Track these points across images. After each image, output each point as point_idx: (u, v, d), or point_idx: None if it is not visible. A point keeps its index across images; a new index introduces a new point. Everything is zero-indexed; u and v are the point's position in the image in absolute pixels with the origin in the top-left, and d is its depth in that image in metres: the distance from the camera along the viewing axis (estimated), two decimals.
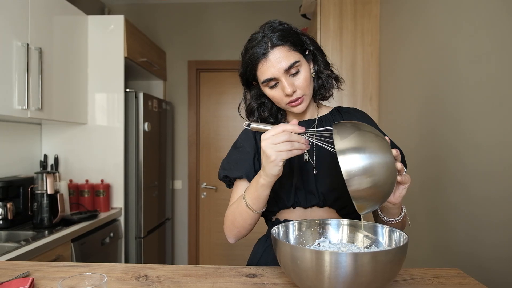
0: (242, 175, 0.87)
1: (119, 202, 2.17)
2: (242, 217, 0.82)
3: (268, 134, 0.69)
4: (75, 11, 2.03)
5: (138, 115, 2.27)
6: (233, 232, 0.86)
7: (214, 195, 3.04)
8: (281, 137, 0.68)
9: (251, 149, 0.90)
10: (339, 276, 0.57)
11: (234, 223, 0.84)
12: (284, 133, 0.68)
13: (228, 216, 0.87)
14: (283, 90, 0.80)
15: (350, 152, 0.63)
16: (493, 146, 1.00)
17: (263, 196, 0.77)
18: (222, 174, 0.91)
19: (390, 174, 0.64)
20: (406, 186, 0.70)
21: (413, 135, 1.52)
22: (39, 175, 1.76)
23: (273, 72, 0.79)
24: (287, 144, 0.68)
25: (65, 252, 1.62)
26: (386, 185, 0.64)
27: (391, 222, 0.77)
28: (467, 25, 1.13)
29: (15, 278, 0.74)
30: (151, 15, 2.98)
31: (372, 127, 0.69)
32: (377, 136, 0.67)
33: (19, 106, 1.57)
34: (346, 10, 1.98)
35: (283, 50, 0.79)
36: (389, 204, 0.72)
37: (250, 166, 0.88)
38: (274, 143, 0.68)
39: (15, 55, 1.55)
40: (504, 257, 0.95)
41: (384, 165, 0.63)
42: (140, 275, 0.78)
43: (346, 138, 0.64)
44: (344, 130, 0.66)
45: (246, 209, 0.80)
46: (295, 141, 0.68)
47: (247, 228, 0.84)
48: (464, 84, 1.14)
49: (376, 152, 0.63)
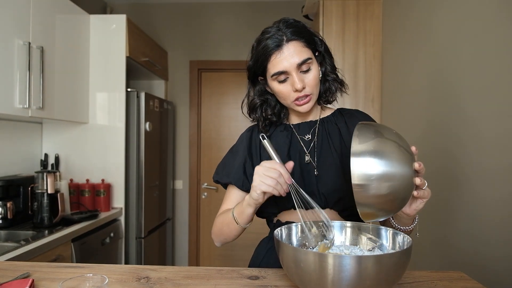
0: (230, 181, 0.90)
1: (120, 202, 2.16)
2: (229, 228, 0.85)
3: (265, 164, 0.74)
4: (77, 10, 2.03)
5: (140, 114, 2.27)
6: (219, 238, 0.90)
7: (215, 195, 3.03)
8: (271, 173, 0.72)
9: (243, 153, 0.91)
10: (342, 279, 0.56)
11: (221, 231, 0.88)
12: (276, 171, 0.72)
13: (217, 224, 0.90)
14: (293, 85, 0.79)
15: (365, 155, 0.61)
16: (498, 147, 0.99)
17: (246, 213, 0.80)
18: (214, 178, 0.94)
19: (403, 188, 0.61)
20: (424, 200, 0.68)
21: (415, 136, 1.51)
22: (40, 174, 1.75)
23: (286, 66, 0.78)
24: (272, 180, 0.72)
25: (65, 252, 1.62)
26: (396, 199, 0.62)
27: (402, 229, 0.76)
28: (470, 25, 1.13)
29: (15, 279, 0.73)
30: (153, 14, 2.98)
31: (398, 135, 0.66)
32: (400, 147, 0.63)
33: (20, 105, 1.56)
34: (349, 11, 1.97)
35: (297, 45, 0.79)
36: (403, 214, 0.71)
37: (240, 173, 0.89)
38: (264, 173, 0.73)
39: (17, 54, 1.55)
40: (509, 260, 0.94)
41: (399, 178, 0.60)
42: (141, 276, 0.77)
43: (365, 142, 0.62)
44: (365, 133, 0.63)
45: (232, 221, 0.83)
46: (280, 184, 0.73)
47: (232, 237, 0.88)
48: (468, 86, 1.13)
49: (392, 163, 0.61)
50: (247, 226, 0.84)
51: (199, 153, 3.03)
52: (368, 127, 0.65)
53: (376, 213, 0.64)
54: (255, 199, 0.75)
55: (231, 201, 0.91)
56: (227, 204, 0.91)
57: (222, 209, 0.92)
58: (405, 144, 0.65)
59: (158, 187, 2.57)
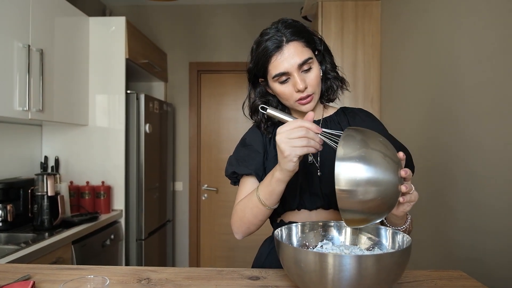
0: (251, 172, 0.85)
1: (120, 204, 2.16)
2: (253, 213, 0.80)
3: (284, 128, 0.67)
4: (76, 12, 2.03)
5: (139, 116, 2.27)
6: (242, 228, 0.84)
7: (215, 196, 3.03)
8: (297, 132, 0.65)
9: (261, 148, 0.88)
10: (342, 279, 0.56)
11: (243, 219, 0.82)
12: (301, 128, 0.66)
13: (238, 212, 0.84)
14: (295, 86, 0.79)
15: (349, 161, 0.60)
16: (497, 148, 0.99)
17: (277, 191, 0.75)
18: (230, 171, 0.88)
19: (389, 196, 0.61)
20: (411, 204, 0.68)
21: (415, 137, 1.52)
22: (40, 177, 1.75)
23: (286, 67, 0.78)
24: (302, 140, 0.65)
25: (66, 254, 1.62)
26: (382, 205, 0.62)
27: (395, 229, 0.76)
28: (469, 26, 1.13)
29: (15, 281, 0.73)
30: (152, 16, 2.99)
31: (384, 144, 0.65)
32: (386, 156, 0.63)
33: (20, 107, 1.57)
34: (347, 12, 1.98)
35: (297, 46, 0.79)
36: (392, 213, 0.71)
37: (260, 164, 0.86)
38: (289, 138, 0.66)
39: (16, 56, 1.55)
40: (506, 259, 0.94)
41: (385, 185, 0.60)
42: (142, 278, 0.77)
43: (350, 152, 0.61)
44: (351, 143, 0.62)
45: (258, 204, 0.77)
46: (311, 139, 0.66)
47: (256, 224, 0.82)
48: (467, 86, 1.14)
49: (376, 170, 0.60)
50: (275, 207, 0.79)
51: (199, 155, 3.03)
52: (353, 136, 0.64)
53: (361, 218, 0.64)
54: (291, 170, 0.69)
55: (247, 193, 0.86)
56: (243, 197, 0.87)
57: (238, 200, 0.87)
58: (390, 152, 0.64)
59: (158, 189, 2.57)
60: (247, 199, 0.82)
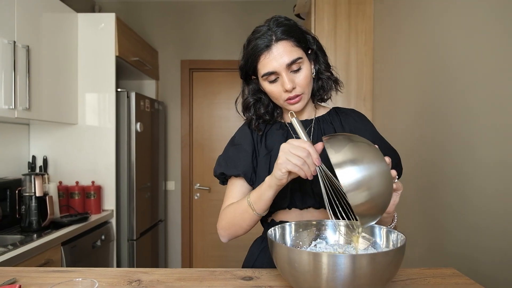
0: (239, 173, 0.86)
1: (111, 204, 2.13)
2: (242, 217, 0.81)
3: (293, 141, 0.70)
4: (64, 8, 1.99)
5: (130, 115, 2.24)
6: (228, 231, 0.85)
7: (208, 196, 3.01)
8: (299, 151, 0.68)
9: (249, 147, 0.88)
10: (337, 279, 0.56)
11: (232, 222, 0.83)
12: (305, 150, 0.68)
13: (227, 214, 0.84)
14: (283, 86, 0.79)
15: (347, 164, 0.61)
16: (488, 147, 1.00)
17: (266, 197, 0.76)
18: (218, 171, 0.89)
19: (388, 183, 0.64)
20: (399, 193, 0.69)
21: (407, 136, 1.53)
22: (27, 177, 1.71)
23: (275, 66, 0.78)
24: (299, 160, 0.68)
25: (55, 256, 1.58)
26: (385, 194, 0.63)
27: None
28: (462, 26, 1.14)
29: (1, 285, 0.71)
30: (143, 13, 2.94)
31: (362, 137, 0.69)
32: (370, 145, 0.66)
33: (6, 105, 1.52)
34: (340, 10, 1.98)
35: (287, 45, 0.78)
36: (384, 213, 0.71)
37: (248, 164, 0.86)
38: (290, 151, 0.68)
39: (1, 53, 1.51)
40: (497, 256, 0.95)
41: (382, 174, 0.62)
42: (133, 279, 0.75)
43: (341, 151, 0.63)
44: (337, 143, 0.64)
45: (248, 208, 0.78)
46: (307, 164, 0.68)
47: (244, 229, 0.83)
48: (459, 85, 1.15)
49: (374, 162, 0.62)
50: (263, 215, 0.79)
51: (191, 154, 3.01)
52: (335, 136, 0.67)
53: (374, 214, 0.64)
54: (278, 179, 0.71)
55: (235, 194, 0.87)
56: (231, 198, 0.88)
57: (225, 203, 0.88)
58: (370, 142, 0.68)
59: (150, 188, 2.54)
60: (238, 203, 0.82)
